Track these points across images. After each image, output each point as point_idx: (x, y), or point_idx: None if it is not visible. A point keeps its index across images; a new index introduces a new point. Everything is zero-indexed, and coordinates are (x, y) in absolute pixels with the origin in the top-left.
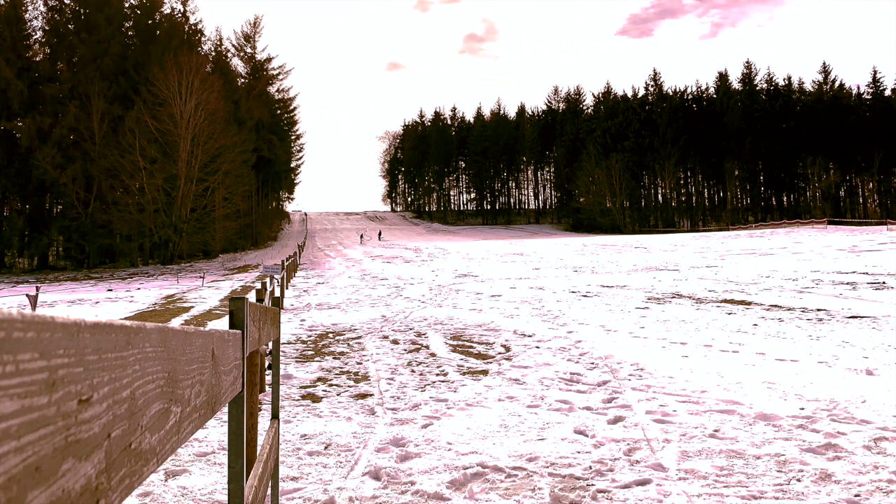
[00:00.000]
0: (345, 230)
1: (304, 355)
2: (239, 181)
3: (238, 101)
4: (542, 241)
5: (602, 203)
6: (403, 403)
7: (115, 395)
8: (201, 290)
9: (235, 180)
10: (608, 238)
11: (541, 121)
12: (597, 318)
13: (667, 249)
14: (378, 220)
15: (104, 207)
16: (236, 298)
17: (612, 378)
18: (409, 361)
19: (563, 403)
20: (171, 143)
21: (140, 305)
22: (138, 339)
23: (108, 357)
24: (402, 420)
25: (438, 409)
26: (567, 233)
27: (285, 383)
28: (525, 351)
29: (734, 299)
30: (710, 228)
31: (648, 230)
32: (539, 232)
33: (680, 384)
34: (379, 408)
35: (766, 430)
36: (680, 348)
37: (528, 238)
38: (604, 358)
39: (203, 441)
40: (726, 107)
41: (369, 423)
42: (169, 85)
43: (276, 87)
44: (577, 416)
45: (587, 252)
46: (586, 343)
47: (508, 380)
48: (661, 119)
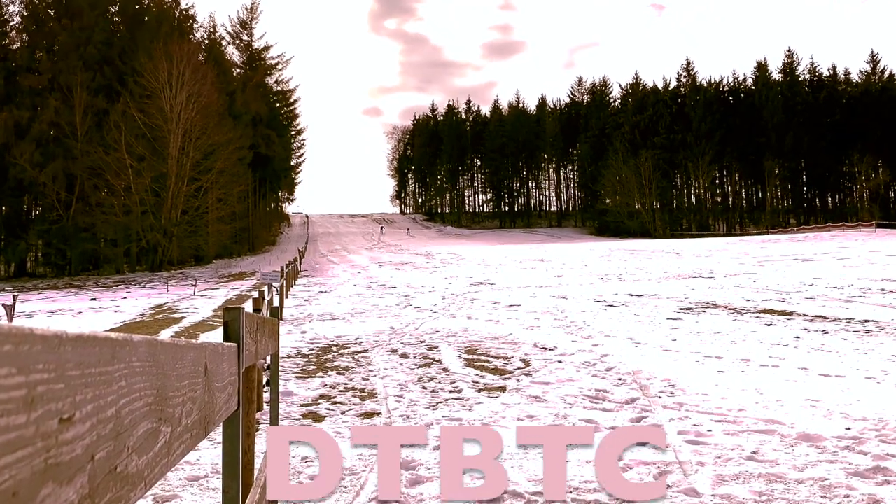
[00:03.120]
0: (350, 234)
1: (306, 370)
2: (234, 181)
3: (233, 94)
4: (565, 246)
5: (630, 204)
6: (413, 423)
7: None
8: (193, 300)
9: (230, 180)
10: (637, 242)
11: (563, 114)
12: (624, 329)
13: (700, 255)
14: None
15: (87, 209)
16: (231, 308)
17: (641, 395)
18: (420, 377)
19: (587, 423)
20: (161, 139)
21: (126, 316)
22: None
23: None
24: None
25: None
26: (592, 237)
27: (285, 401)
28: (546, 366)
29: (774, 309)
30: (748, 232)
31: (681, 234)
32: (561, 236)
33: (715, 402)
34: None
35: (808, 451)
36: (715, 363)
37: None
38: (632, 373)
39: (195, 464)
40: (765, 99)
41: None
42: (158, 75)
43: (274, 78)
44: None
45: (614, 258)
46: (613, 357)
47: (528, 397)
48: (694, 113)
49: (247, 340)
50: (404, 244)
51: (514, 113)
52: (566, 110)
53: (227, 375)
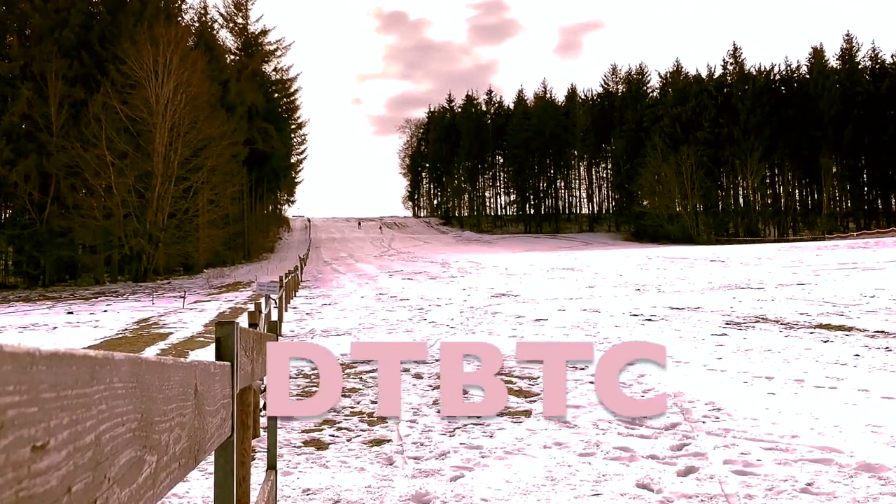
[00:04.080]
0: (356, 239)
1: (308, 392)
2: (227, 180)
3: (227, 83)
4: (598, 253)
5: (670, 206)
6: (428, 451)
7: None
8: (181, 313)
9: (223, 179)
10: (678, 249)
11: (596, 106)
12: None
13: (749, 263)
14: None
15: (63, 212)
16: (224, 323)
17: (682, 420)
18: (435, 400)
19: (622, 451)
20: (146, 134)
21: (107, 331)
22: (105, 373)
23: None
24: (426, 471)
25: (471, 458)
26: (627, 243)
27: (284, 426)
28: (577, 387)
29: (831, 324)
30: (802, 237)
31: (727, 240)
32: (593, 242)
33: (765, 427)
34: (398, 456)
35: (870, 483)
36: (765, 384)
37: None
38: (672, 395)
39: (184, 497)
40: (821, 89)
41: (386, 474)
42: (142, 63)
43: (273, 66)
44: (640, 467)
45: (652, 266)
46: (651, 377)
47: (556, 422)
48: (742, 104)
49: (242, 359)
50: (417, 251)
51: (541, 104)
52: (598, 101)
53: (220, 398)
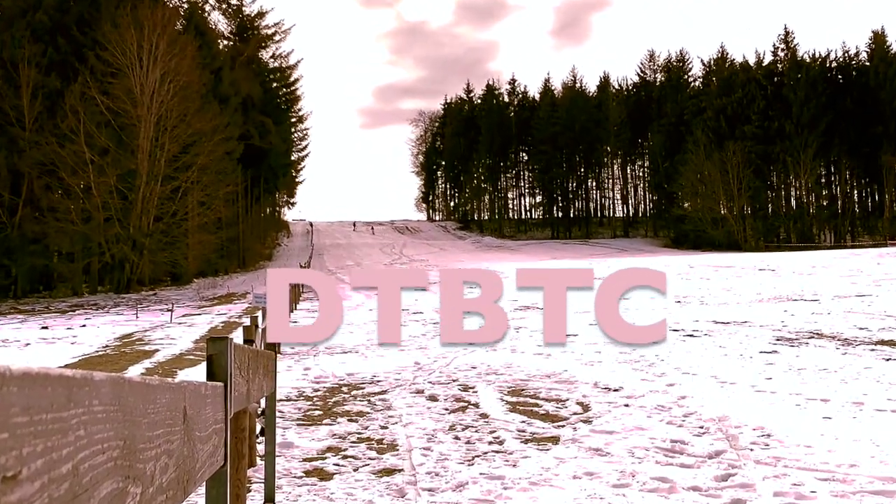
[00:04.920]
0: (364, 246)
1: (310, 416)
2: (220, 179)
3: (219, 71)
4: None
5: (714, 209)
6: (444, 482)
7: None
8: (169, 328)
9: (215, 178)
10: (722, 256)
11: (631, 97)
12: (707, 365)
13: (802, 272)
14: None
15: (37, 216)
16: (217, 339)
17: (727, 447)
18: (452, 424)
19: (661, 482)
20: (129, 129)
21: (86, 348)
22: (84, 395)
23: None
24: None
25: (492, 490)
26: (667, 249)
27: (283, 454)
28: (609, 410)
29: (894, 340)
30: (862, 243)
31: (777, 246)
32: (628, 248)
33: (820, 456)
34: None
35: None
36: (820, 407)
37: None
38: (717, 420)
39: None
40: (882, 78)
41: None
42: (125, 49)
43: (271, 52)
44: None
45: (694, 275)
46: (693, 400)
47: (587, 449)
48: (794, 95)
49: (236, 379)
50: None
51: (570, 95)
52: (634, 92)
53: (212, 423)
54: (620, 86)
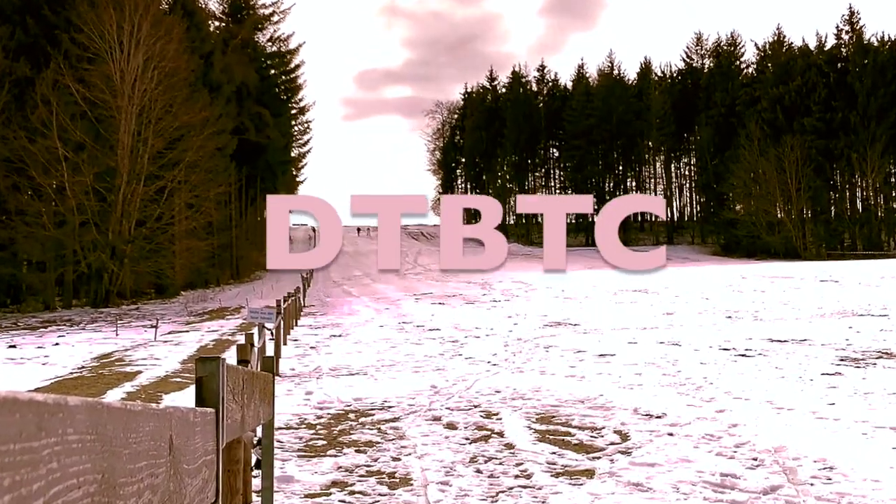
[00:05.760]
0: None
1: (312, 447)
2: (211, 178)
3: (210, 56)
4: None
5: (769, 212)
6: None
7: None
8: (153, 347)
9: (206, 177)
10: (779, 266)
11: (676, 85)
12: (761, 389)
13: (869, 283)
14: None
15: (4, 219)
16: (207, 359)
17: (785, 482)
18: (474, 456)
19: None
20: (108, 121)
21: (59, 370)
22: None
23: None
24: None
25: None
26: (715, 257)
27: (282, 490)
28: (651, 440)
29: None
30: None
31: (840, 254)
32: (673, 256)
33: (889, 491)
34: None
35: None
36: (890, 436)
37: None
38: (772, 450)
39: None
40: None
41: None
42: (103, 30)
43: (268, 35)
44: None
45: (747, 287)
46: (745, 427)
47: (626, 484)
48: (860, 83)
49: (229, 404)
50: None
51: (606, 83)
52: (679, 79)
53: (202, 454)
54: (663, 72)
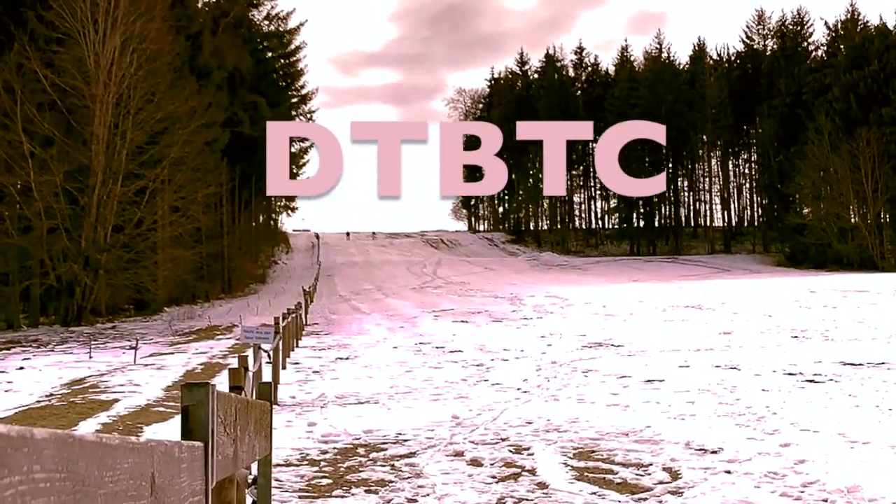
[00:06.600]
0: (387, 264)
1: (315, 486)
2: (199, 178)
3: (198, 37)
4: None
5: (842, 217)
6: None
7: None
8: (132, 371)
9: (193, 176)
10: (853, 278)
11: (734, 71)
12: (833, 420)
13: None
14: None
15: None
16: (195, 385)
17: None
18: (501, 497)
19: None
20: (80, 112)
21: (24, 398)
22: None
23: None
24: None
25: None
26: (780, 268)
27: None
28: (706, 478)
29: None
30: None
31: None
32: (731, 267)
33: None
34: None
35: None
36: None
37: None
38: (845, 491)
39: None
40: None
41: None
42: (75, 7)
43: (265, 12)
44: None
45: (816, 303)
46: (814, 464)
47: None
48: None
49: (220, 437)
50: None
51: (654, 68)
52: (738, 64)
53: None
54: (720, 56)
